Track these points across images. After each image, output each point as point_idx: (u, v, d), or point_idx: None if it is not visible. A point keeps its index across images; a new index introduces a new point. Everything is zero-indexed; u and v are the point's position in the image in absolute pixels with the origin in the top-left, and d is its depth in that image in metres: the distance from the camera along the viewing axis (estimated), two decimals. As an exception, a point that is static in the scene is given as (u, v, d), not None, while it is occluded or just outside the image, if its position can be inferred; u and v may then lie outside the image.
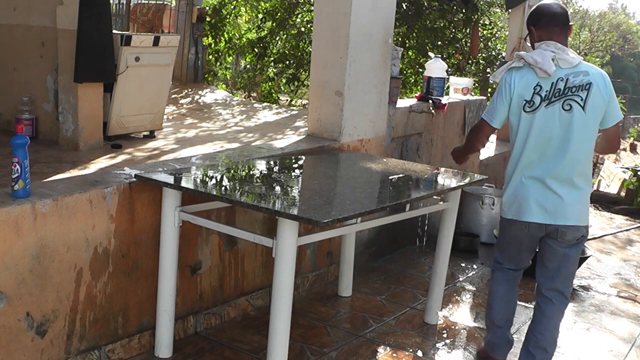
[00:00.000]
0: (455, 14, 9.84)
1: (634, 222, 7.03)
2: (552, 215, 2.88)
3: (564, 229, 2.89)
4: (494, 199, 5.54)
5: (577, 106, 2.79)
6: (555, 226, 2.89)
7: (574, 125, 2.80)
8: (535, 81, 2.82)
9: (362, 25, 4.17)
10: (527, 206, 2.91)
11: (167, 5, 9.40)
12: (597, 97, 2.79)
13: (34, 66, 5.25)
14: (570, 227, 2.88)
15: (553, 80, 2.80)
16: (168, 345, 3.16)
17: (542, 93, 2.81)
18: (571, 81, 2.79)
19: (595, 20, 27.70)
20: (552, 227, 2.89)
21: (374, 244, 4.83)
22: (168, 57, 5.74)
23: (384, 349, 3.49)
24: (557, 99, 2.80)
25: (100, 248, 2.87)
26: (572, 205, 2.87)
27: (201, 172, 3.23)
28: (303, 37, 10.44)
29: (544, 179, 2.86)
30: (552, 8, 2.88)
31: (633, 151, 24.02)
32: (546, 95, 2.81)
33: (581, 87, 2.78)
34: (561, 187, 2.85)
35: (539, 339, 3.02)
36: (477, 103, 6.03)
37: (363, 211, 2.73)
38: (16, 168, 2.55)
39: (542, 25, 2.87)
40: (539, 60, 2.78)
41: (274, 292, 2.67)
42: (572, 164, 2.83)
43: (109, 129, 5.34)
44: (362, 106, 4.35)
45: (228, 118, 7.56)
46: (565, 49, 2.83)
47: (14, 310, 2.57)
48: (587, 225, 2.96)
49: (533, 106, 2.83)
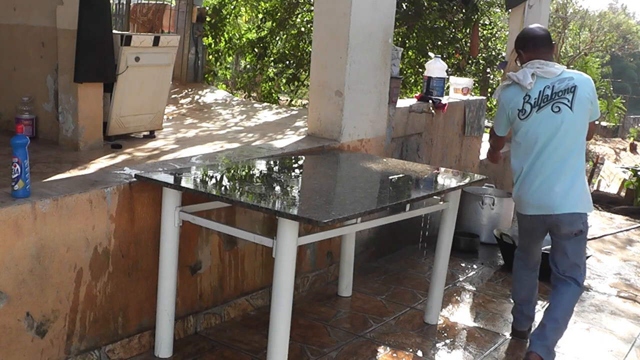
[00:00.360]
0: (455, 14, 9.85)
1: (634, 222, 7.03)
2: (550, 207, 3.22)
3: (562, 219, 3.21)
4: (494, 199, 5.54)
5: (565, 107, 3.18)
6: (554, 216, 3.22)
7: (564, 124, 3.18)
8: (524, 93, 3.25)
9: (362, 25, 4.17)
10: (527, 201, 3.30)
11: (167, 5, 9.40)
12: (582, 97, 3.18)
13: (34, 66, 5.25)
14: (567, 216, 3.20)
15: (540, 89, 3.22)
16: (168, 345, 3.15)
17: (532, 101, 3.23)
18: (557, 87, 3.20)
19: (595, 20, 27.68)
20: (551, 218, 3.23)
21: (374, 244, 4.83)
22: (168, 57, 5.74)
23: (384, 349, 3.49)
24: (546, 104, 3.21)
25: (100, 248, 2.87)
26: (568, 195, 3.19)
27: (201, 172, 3.23)
28: (303, 37, 10.44)
29: (538, 174, 3.24)
30: (536, 32, 3.36)
31: (633, 151, 24.01)
32: (535, 102, 3.22)
33: (567, 90, 3.18)
34: (552, 179, 3.20)
35: (550, 311, 3.32)
36: (477, 103, 6.03)
37: (363, 211, 2.73)
38: (16, 168, 2.55)
39: (529, 48, 3.32)
40: (520, 77, 3.24)
41: (274, 292, 2.67)
42: (565, 158, 3.20)
43: (109, 129, 5.35)
44: (362, 106, 4.35)
45: (228, 118, 7.56)
46: (549, 63, 3.25)
47: (14, 310, 2.57)
48: (585, 214, 3.25)
49: (525, 113, 3.25)
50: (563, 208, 3.19)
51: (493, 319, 3.99)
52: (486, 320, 3.97)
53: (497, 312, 4.10)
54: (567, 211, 3.19)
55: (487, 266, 5.02)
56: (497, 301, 4.29)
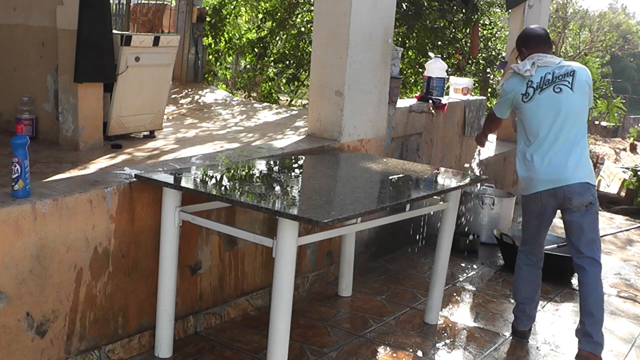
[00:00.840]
0: (455, 14, 9.85)
1: (634, 222, 7.03)
2: (561, 179, 3.37)
3: (573, 189, 3.36)
4: (494, 199, 5.53)
5: (566, 88, 3.41)
6: (566, 188, 3.36)
7: (566, 103, 3.40)
8: (526, 80, 3.48)
9: (362, 25, 4.17)
10: (538, 177, 3.43)
11: (167, 5, 9.40)
12: (581, 80, 3.43)
13: (34, 66, 5.25)
14: (578, 186, 3.35)
15: (541, 75, 3.45)
16: (168, 345, 3.15)
17: (534, 85, 3.46)
18: (557, 72, 3.45)
19: (595, 20, 27.67)
20: (562, 191, 3.37)
21: (374, 244, 4.83)
22: (168, 57, 5.74)
23: (384, 349, 3.49)
24: (548, 86, 3.43)
25: (100, 248, 2.87)
26: (577, 167, 3.38)
27: (201, 172, 3.23)
28: (303, 37, 10.43)
29: (547, 151, 3.40)
30: (537, 31, 3.63)
31: (633, 151, 24.01)
32: (537, 85, 3.44)
33: (567, 74, 3.44)
34: (564, 155, 3.38)
35: (583, 306, 3.45)
36: (477, 103, 6.03)
37: (363, 211, 2.73)
38: (16, 168, 2.55)
39: (530, 45, 3.57)
40: (520, 68, 3.51)
41: (274, 292, 2.67)
42: (571, 135, 3.40)
43: (109, 129, 5.35)
44: (362, 106, 4.35)
45: (228, 118, 7.57)
46: (547, 55, 3.52)
47: (14, 310, 2.57)
48: (594, 186, 3.44)
49: (529, 96, 3.47)
50: (574, 178, 3.36)
51: (493, 319, 3.99)
52: (486, 320, 3.97)
53: (497, 312, 4.10)
54: (579, 181, 3.36)
55: (487, 266, 5.02)
56: (497, 301, 4.29)
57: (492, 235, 5.36)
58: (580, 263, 3.45)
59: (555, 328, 3.94)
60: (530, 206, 3.54)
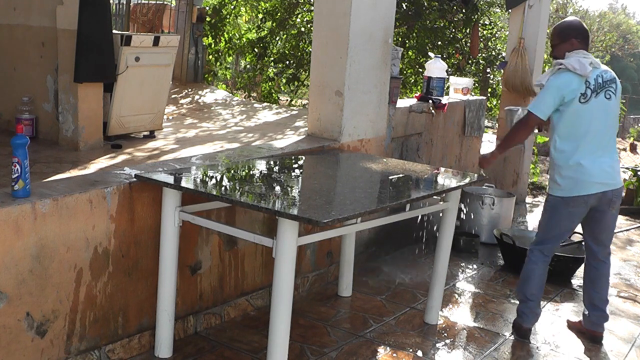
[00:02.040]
0: (455, 14, 9.85)
1: (634, 222, 7.03)
2: (612, 183, 3.53)
3: (617, 193, 3.56)
4: (494, 199, 5.53)
5: (613, 95, 3.55)
6: (615, 190, 3.53)
7: (612, 110, 3.56)
8: (584, 79, 3.46)
9: (362, 25, 4.17)
10: (591, 180, 3.49)
11: (167, 5, 9.40)
12: (619, 89, 3.61)
13: (34, 66, 5.25)
14: (621, 189, 3.60)
15: (594, 77, 3.49)
16: (168, 345, 3.15)
17: (591, 87, 3.48)
18: (604, 77, 3.53)
19: (595, 20, 27.65)
20: (611, 193, 3.52)
21: (374, 244, 4.83)
22: (168, 57, 5.74)
23: (384, 349, 3.49)
24: (601, 90, 3.51)
25: (100, 248, 2.87)
26: (618, 172, 3.59)
27: (201, 172, 3.23)
28: (303, 37, 10.43)
29: (599, 155, 3.51)
30: (583, 25, 3.67)
31: (633, 151, 23.98)
32: (594, 88, 3.49)
33: (611, 80, 3.55)
34: (609, 159, 3.54)
35: (602, 294, 3.73)
36: (477, 103, 6.03)
37: (363, 211, 2.73)
38: (16, 168, 2.55)
39: (580, 38, 3.58)
40: (576, 66, 3.45)
41: (274, 292, 2.67)
42: (611, 139, 3.59)
43: (109, 129, 5.35)
44: (362, 106, 4.35)
45: (228, 118, 7.57)
46: (590, 55, 3.58)
47: (14, 310, 2.57)
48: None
49: (586, 97, 3.47)
50: (619, 182, 3.59)
51: (493, 319, 3.99)
52: (486, 320, 3.97)
53: (497, 312, 4.10)
54: (621, 184, 3.61)
55: (487, 266, 5.02)
56: (497, 301, 4.29)
57: (492, 235, 5.36)
58: (603, 258, 3.71)
59: (555, 328, 3.94)
60: (571, 207, 3.55)
